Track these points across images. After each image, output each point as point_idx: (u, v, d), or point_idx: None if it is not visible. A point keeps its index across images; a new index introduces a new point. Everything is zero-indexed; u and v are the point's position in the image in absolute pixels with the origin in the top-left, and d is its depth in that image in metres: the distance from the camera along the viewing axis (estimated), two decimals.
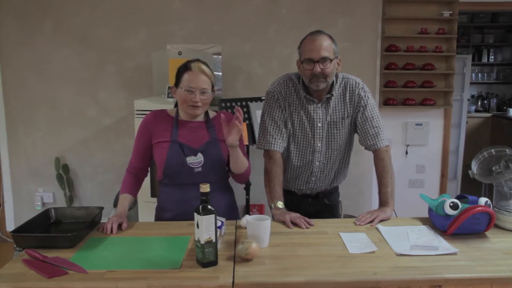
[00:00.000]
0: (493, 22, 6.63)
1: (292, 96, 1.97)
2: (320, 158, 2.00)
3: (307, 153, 2.00)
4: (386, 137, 2.00)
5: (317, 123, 1.96)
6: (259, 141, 2.02)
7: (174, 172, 1.81)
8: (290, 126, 1.99)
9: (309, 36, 1.87)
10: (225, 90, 3.57)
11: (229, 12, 3.59)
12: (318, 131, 1.97)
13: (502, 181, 1.72)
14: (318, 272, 1.34)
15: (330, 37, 1.87)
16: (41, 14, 3.55)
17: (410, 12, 3.64)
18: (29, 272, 1.36)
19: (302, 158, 2.02)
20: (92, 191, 3.80)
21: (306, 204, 2.09)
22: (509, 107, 6.38)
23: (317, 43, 1.82)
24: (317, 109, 1.96)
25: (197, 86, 1.76)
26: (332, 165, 2.05)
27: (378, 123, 1.98)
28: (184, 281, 1.30)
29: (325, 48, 1.82)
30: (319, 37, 1.84)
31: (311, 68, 1.83)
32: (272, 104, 1.99)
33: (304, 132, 1.98)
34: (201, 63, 1.81)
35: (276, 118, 1.97)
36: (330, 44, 1.85)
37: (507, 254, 1.47)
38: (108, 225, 1.69)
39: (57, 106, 3.68)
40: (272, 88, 2.00)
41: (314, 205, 2.11)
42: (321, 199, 2.13)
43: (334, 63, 1.86)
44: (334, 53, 1.86)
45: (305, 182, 2.07)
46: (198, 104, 1.78)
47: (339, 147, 2.01)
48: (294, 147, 2.01)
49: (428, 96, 3.75)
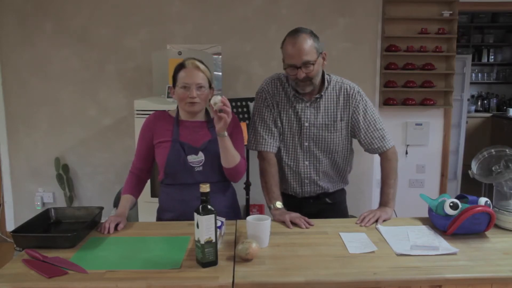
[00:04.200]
0: (493, 22, 6.63)
1: (281, 95, 1.96)
2: (309, 158, 1.98)
3: (296, 152, 1.98)
4: (391, 137, 1.99)
5: (304, 123, 1.94)
6: (249, 141, 2.01)
7: (175, 171, 1.82)
8: (280, 125, 1.97)
9: (289, 38, 1.81)
10: (225, 90, 3.57)
11: (229, 12, 3.59)
12: (305, 130, 1.95)
13: (502, 181, 1.72)
14: (318, 272, 1.34)
15: (310, 34, 1.80)
16: (41, 14, 3.56)
17: (410, 12, 3.64)
18: (29, 272, 1.36)
19: (291, 158, 2.00)
20: (92, 191, 3.80)
21: (307, 205, 2.05)
22: (509, 107, 6.38)
23: (297, 47, 1.77)
24: (305, 109, 1.93)
25: (192, 81, 1.76)
26: (324, 167, 2.00)
27: (381, 125, 1.97)
28: (184, 281, 1.30)
29: (306, 52, 1.76)
30: (299, 40, 1.77)
31: (295, 74, 1.81)
32: (260, 104, 1.98)
33: (291, 131, 1.97)
34: (196, 60, 1.81)
35: (265, 118, 1.96)
36: (312, 44, 1.78)
37: (507, 254, 1.47)
38: (106, 224, 1.70)
39: (57, 106, 3.68)
40: (260, 88, 2.00)
41: (316, 205, 2.07)
42: (322, 199, 2.09)
43: (318, 64, 1.82)
44: (317, 52, 1.80)
45: (300, 184, 2.03)
46: (195, 100, 1.78)
47: (330, 150, 1.97)
48: (283, 146, 2.00)
49: (428, 96, 3.75)
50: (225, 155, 1.79)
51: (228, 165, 1.81)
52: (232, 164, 1.81)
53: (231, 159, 1.80)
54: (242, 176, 1.90)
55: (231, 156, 1.79)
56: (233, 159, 1.80)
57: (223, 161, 1.81)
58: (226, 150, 1.77)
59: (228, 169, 1.82)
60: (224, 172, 1.84)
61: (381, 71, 3.69)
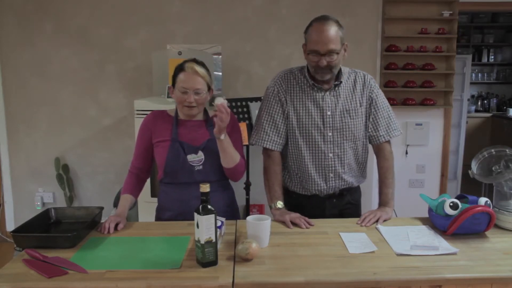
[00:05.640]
0: (493, 22, 6.63)
1: (295, 89, 1.92)
2: (334, 149, 1.91)
3: (319, 144, 1.90)
4: (398, 127, 1.99)
5: (326, 112, 1.89)
6: (252, 136, 1.97)
7: (175, 170, 1.82)
8: (294, 121, 1.91)
9: (316, 24, 1.79)
10: (225, 90, 3.57)
11: (229, 12, 3.59)
12: (328, 119, 1.89)
13: (502, 181, 1.72)
14: (318, 272, 1.34)
15: (337, 23, 1.78)
16: (41, 14, 3.56)
17: (410, 12, 3.64)
18: (29, 272, 1.36)
19: (315, 151, 1.92)
20: (92, 191, 3.80)
21: (330, 205, 1.98)
22: (509, 107, 6.38)
23: (324, 35, 1.74)
24: (325, 97, 1.89)
25: (190, 86, 1.76)
26: (349, 157, 1.94)
27: (390, 114, 1.97)
28: (184, 281, 1.30)
29: (332, 40, 1.74)
30: (326, 27, 1.75)
31: (317, 61, 1.78)
32: (271, 99, 1.93)
33: (313, 122, 1.90)
34: (196, 63, 1.80)
35: (273, 114, 1.92)
36: (337, 32, 1.76)
37: (507, 254, 1.47)
38: (105, 224, 1.70)
39: (57, 106, 3.68)
40: (272, 83, 1.96)
41: (339, 206, 2.00)
42: (345, 198, 2.01)
43: (341, 54, 1.80)
44: (341, 42, 1.78)
45: (325, 180, 1.94)
46: (192, 105, 1.78)
47: (354, 137, 1.92)
48: (303, 141, 1.92)
49: (428, 96, 3.75)
50: (224, 156, 1.79)
51: (228, 166, 1.82)
52: (232, 164, 1.81)
53: (230, 160, 1.80)
54: (242, 175, 1.90)
55: (230, 157, 1.79)
56: (232, 160, 1.80)
57: (223, 162, 1.81)
58: (225, 151, 1.77)
59: (228, 169, 1.83)
60: (224, 171, 1.85)
61: (381, 71, 3.69)
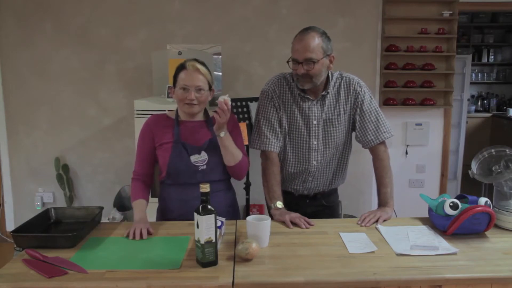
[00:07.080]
0: (493, 22, 6.63)
1: (287, 95, 1.96)
2: (317, 157, 1.98)
3: (304, 152, 1.98)
4: (389, 128, 1.95)
5: (312, 121, 1.94)
6: (253, 141, 2.00)
7: (179, 172, 1.82)
8: (285, 125, 1.97)
9: (299, 34, 1.83)
10: (225, 90, 3.56)
11: (229, 12, 3.59)
12: (314, 128, 1.94)
13: (502, 181, 1.72)
14: (318, 272, 1.34)
15: (321, 34, 1.81)
16: (41, 14, 3.55)
17: (410, 12, 3.64)
18: (29, 272, 1.36)
19: (299, 158, 1.99)
20: (92, 191, 3.80)
21: (303, 204, 2.06)
22: (509, 107, 6.38)
23: (303, 43, 1.78)
24: (312, 107, 1.93)
25: (192, 84, 1.77)
26: (330, 164, 2.02)
27: (378, 117, 1.94)
28: (184, 281, 1.30)
29: (311, 49, 1.77)
30: (306, 36, 1.79)
31: (296, 69, 1.83)
32: (266, 103, 1.97)
33: (298, 131, 1.96)
34: (197, 62, 1.81)
35: (270, 117, 1.96)
36: (319, 43, 1.79)
37: (507, 254, 1.47)
38: (137, 231, 1.64)
39: (57, 106, 3.68)
40: (266, 87, 1.99)
41: (312, 206, 2.08)
42: (319, 200, 2.10)
43: (321, 63, 1.81)
44: (324, 52, 1.81)
45: (302, 181, 2.04)
46: (193, 102, 1.78)
47: (336, 145, 1.98)
48: (290, 147, 1.99)
49: (428, 96, 3.74)
50: (225, 154, 1.80)
51: (230, 164, 1.82)
52: (233, 162, 1.82)
53: (231, 158, 1.81)
54: (245, 173, 1.91)
55: (231, 154, 1.80)
56: (234, 157, 1.81)
57: (225, 160, 1.82)
58: (226, 149, 1.79)
59: (231, 167, 1.84)
60: (227, 170, 1.86)
61: (381, 71, 3.69)
